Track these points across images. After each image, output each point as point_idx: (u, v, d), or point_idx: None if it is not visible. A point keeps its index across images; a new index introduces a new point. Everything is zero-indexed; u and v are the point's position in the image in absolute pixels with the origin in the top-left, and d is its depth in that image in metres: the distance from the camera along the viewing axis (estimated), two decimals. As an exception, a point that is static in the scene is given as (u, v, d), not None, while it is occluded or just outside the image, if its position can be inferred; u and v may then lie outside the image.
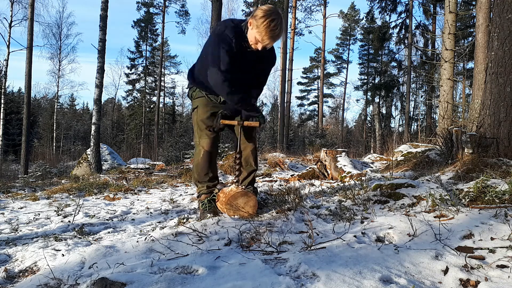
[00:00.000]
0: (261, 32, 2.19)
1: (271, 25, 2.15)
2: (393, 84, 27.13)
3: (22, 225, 2.72)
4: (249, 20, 2.25)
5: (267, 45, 2.26)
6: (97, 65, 10.03)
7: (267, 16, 2.15)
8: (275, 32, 2.19)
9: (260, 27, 2.17)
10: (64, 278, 1.65)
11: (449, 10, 10.03)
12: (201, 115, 2.64)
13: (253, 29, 2.23)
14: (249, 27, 2.26)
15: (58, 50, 29.68)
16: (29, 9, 13.98)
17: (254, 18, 2.20)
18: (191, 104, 2.78)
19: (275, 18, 2.16)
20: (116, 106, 43.28)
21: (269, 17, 2.15)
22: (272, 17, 2.15)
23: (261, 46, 2.27)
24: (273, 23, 2.15)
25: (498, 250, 1.64)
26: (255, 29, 2.21)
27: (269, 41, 2.23)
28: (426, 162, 4.32)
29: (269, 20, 2.15)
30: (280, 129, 20.29)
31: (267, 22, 2.15)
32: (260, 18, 2.16)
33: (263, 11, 2.17)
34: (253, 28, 2.22)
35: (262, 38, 2.22)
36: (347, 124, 44.84)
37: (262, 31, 2.18)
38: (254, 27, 2.21)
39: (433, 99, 20.12)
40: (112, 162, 11.39)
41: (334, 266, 1.54)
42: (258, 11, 2.19)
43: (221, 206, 2.54)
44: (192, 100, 2.75)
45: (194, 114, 2.72)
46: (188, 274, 1.60)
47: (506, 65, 3.46)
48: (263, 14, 2.16)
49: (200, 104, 2.67)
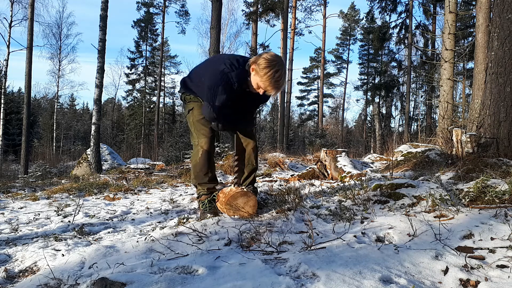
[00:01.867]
0: (264, 82, 2.21)
1: (275, 75, 2.17)
2: (393, 84, 27.13)
3: (22, 225, 2.72)
4: (252, 67, 2.27)
5: (272, 94, 2.29)
6: (97, 65, 10.03)
7: (271, 67, 2.16)
8: (279, 83, 2.21)
9: (263, 77, 2.19)
10: (64, 278, 1.65)
11: (449, 10, 10.03)
12: (197, 116, 2.65)
13: (255, 76, 2.25)
14: (252, 72, 2.28)
15: (58, 50, 29.67)
16: (29, 9, 13.96)
17: (258, 66, 2.21)
18: (186, 107, 2.78)
19: (279, 69, 2.17)
20: (116, 106, 43.28)
21: (273, 68, 2.16)
22: (276, 68, 2.17)
23: (261, 91, 2.30)
24: (277, 73, 2.17)
25: (498, 250, 1.64)
26: (259, 78, 2.23)
27: (273, 91, 2.26)
28: (426, 162, 4.31)
29: (273, 71, 2.16)
30: (280, 129, 20.29)
31: (271, 73, 2.16)
32: (264, 68, 2.17)
33: (267, 61, 2.18)
34: (256, 76, 2.24)
35: (266, 87, 2.25)
36: (347, 124, 44.88)
37: (266, 81, 2.20)
38: (258, 76, 2.23)
39: (433, 99, 20.12)
40: (112, 162, 11.38)
41: (334, 266, 1.54)
42: (261, 60, 2.20)
43: (221, 206, 2.54)
44: (186, 102, 2.75)
45: (190, 115, 2.73)
46: (188, 274, 1.60)
47: (506, 65, 3.46)
48: (267, 65, 2.17)
49: (195, 106, 2.68)
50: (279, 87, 2.24)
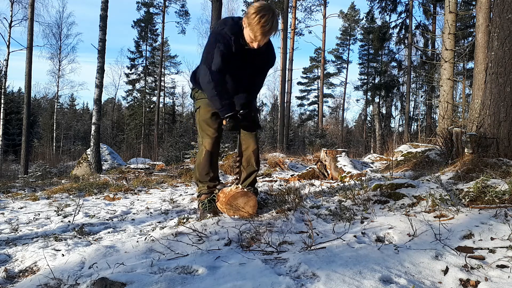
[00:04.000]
0: (253, 28, 2.19)
1: (261, 20, 2.15)
2: (393, 84, 27.13)
3: (22, 225, 2.72)
4: (243, 19, 2.26)
5: (260, 41, 2.25)
6: (97, 65, 10.03)
7: (257, 12, 2.15)
8: (266, 28, 2.18)
9: (252, 24, 2.18)
10: (64, 278, 1.65)
11: (449, 10, 10.02)
12: (203, 115, 2.66)
13: (246, 28, 2.24)
14: (244, 26, 2.27)
15: (58, 50, 29.67)
16: (29, 9, 13.96)
17: (246, 16, 2.21)
18: (194, 105, 2.79)
19: (265, 13, 2.16)
20: (116, 106, 43.26)
21: (259, 13, 2.15)
22: (263, 13, 2.15)
23: (256, 44, 2.27)
24: (263, 18, 2.15)
25: (498, 250, 1.64)
26: (248, 27, 2.21)
27: (261, 37, 2.22)
28: (426, 162, 4.31)
29: (259, 16, 2.15)
30: (280, 129, 20.29)
31: (257, 18, 2.15)
32: (251, 15, 2.17)
33: (254, 8, 2.17)
34: (247, 27, 2.23)
35: (254, 35, 2.22)
36: (347, 124, 44.85)
37: (254, 27, 2.18)
38: (247, 25, 2.22)
39: (433, 99, 20.12)
40: (112, 162, 11.38)
41: (334, 266, 1.54)
42: (250, 9, 2.20)
43: (221, 206, 2.54)
44: (195, 100, 2.76)
45: (196, 114, 2.75)
46: (188, 274, 1.60)
47: (506, 65, 3.46)
48: (254, 11, 2.16)
49: (202, 104, 2.67)
50: (265, 32, 2.20)
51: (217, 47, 2.32)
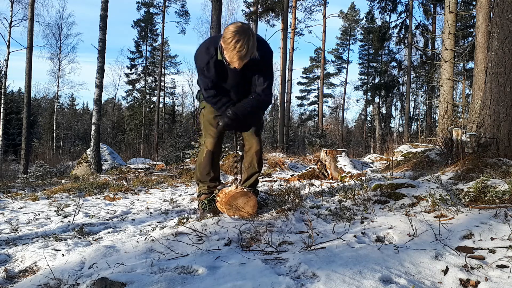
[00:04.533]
0: (229, 54, 2.21)
1: (236, 46, 2.15)
2: (393, 84, 27.12)
3: (22, 225, 2.72)
4: (221, 41, 2.26)
5: (238, 65, 2.27)
6: (97, 65, 10.03)
7: (232, 38, 2.15)
8: (242, 53, 2.18)
9: (228, 49, 2.19)
10: (64, 278, 1.65)
11: (449, 10, 10.02)
12: (207, 115, 2.68)
13: (224, 50, 2.24)
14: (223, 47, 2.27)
15: (58, 50, 29.67)
16: (29, 9, 13.96)
17: (223, 40, 2.21)
18: (199, 105, 2.84)
19: (240, 38, 2.15)
20: (116, 106, 43.26)
21: (234, 37, 2.15)
22: (237, 38, 2.14)
23: (235, 65, 2.28)
24: (238, 43, 2.15)
25: (498, 250, 1.64)
26: (225, 51, 2.23)
27: (238, 61, 2.23)
28: (426, 162, 4.31)
29: (234, 41, 2.15)
30: (280, 129, 20.29)
31: (233, 44, 2.15)
32: (227, 39, 2.17)
33: (230, 33, 2.17)
34: (224, 49, 2.24)
35: (231, 60, 2.24)
36: (347, 124, 44.83)
37: (230, 53, 2.20)
38: (224, 49, 2.23)
39: (433, 99, 20.11)
40: (112, 162, 11.38)
41: (334, 266, 1.54)
42: (225, 32, 2.19)
43: (221, 206, 2.54)
44: (200, 101, 2.80)
45: (201, 114, 2.78)
46: (188, 274, 1.60)
47: (506, 65, 3.46)
48: (229, 36, 2.16)
49: (207, 105, 2.70)
50: (242, 57, 2.21)
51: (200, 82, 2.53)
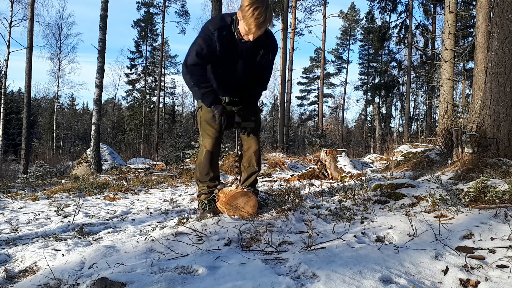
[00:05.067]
0: (247, 21, 2.19)
1: (255, 13, 2.14)
2: (393, 84, 27.13)
3: (22, 225, 2.72)
4: (237, 12, 2.26)
5: (255, 33, 2.24)
6: (97, 65, 10.03)
7: (251, 5, 2.14)
8: (260, 20, 2.17)
9: (246, 17, 2.17)
10: (64, 278, 1.65)
11: (449, 10, 10.02)
12: (204, 115, 2.66)
13: (241, 20, 2.23)
14: (239, 18, 2.26)
15: (58, 50, 29.69)
16: (29, 9, 13.96)
17: (241, 9, 2.21)
18: (197, 104, 2.81)
19: (258, 5, 2.15)
20: (116, 106, 43.26)
21: (253, 5, 2.14)
22: (256, 5, 2.14)
23: (251, 36, 2.26)
24: (257, 11, 2.14)
25: (498, 250, 1.64)
26: (242, 20, 2.21)
27: (255, 29, 2.21)
28: (426, 162, 4.31)
29: (253, 8, 2.14)
30: (280, 129, 20.29)
31: (251, 11, 2.14)
32: (245, 7, 2.16)
33: (248, 1, 2.16)
34: (241, 19, 2.22)
35: (249, 27, 2.21)
36: (347, 124, 44.84)
37: (248, 20, 2.18)
38: (241, 18, 2.21)
39: (433, 99, 20.11)
40: (112, 162, 11.38)
41: (334, 266, 1.54)
42: (243, 1, 2.19)
43: (221, 206, 2.54)
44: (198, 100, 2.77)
45: (198, 114, 2.76)
46: (188, 274, 1.60)
47: (506, 65, 3.46)
48: (247, 3, 2.16)
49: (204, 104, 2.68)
50: (259, 24, 2.19)
51: (195, 44, 2.38)
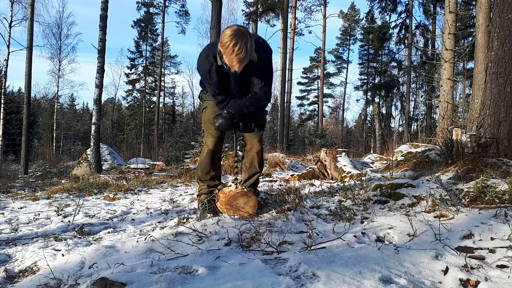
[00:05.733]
0: (228, 57, 2.21)
1: (235, 49, 2.15)
2: (393, 84, 27.11)
3: (22, 225, 2.72)
4: (218, 46, 2.26)
5: (238, 68, 2.26)
6: (97, 65, 10.02)
7: (230, 41, 2.15)
8: (241, 56, 2.18)
9: (226, 53, 2.19)
10: (64, 278, 1.65)
11: (449, 10, 10.02)
12: (208, 115, 2.70)
13: (223, 55, 2.25)
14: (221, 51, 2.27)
15: (58, 50, 29.65)
16: (29, 9, 13.95)
17: (221, 45, 2.21)
18: (202, 104, 2.86)
19: (237, 41, 2.15)
20: (116, 106, 43.25)
21: (232, 41, 2.15)
22: (235, 41, 2.15)
23: (236, 68, 2.27)
24: (236, 46, 2.15)
25: (498, 250, 1.64)
26: (224, 55, 2.23)
27: (237, 64, 2.23)
28: (426, 162, 4.31)
29: (232, 44, 2.15)
30: (280, 129, 20.29)
31: (231, 47, 2.15)
32: (225, 44, 2.17)
33: (227, 37, 2.17)
34: (223, 54, 2.24)
35: (231, 63, 2.24)
36: (347, 124, 44.82)
37: (229, 56, 2.20)
38: (223, 53, 2.23)
39: (433, 99, 20.11)
40: (112, 162, 11.38)
41: (334, 266, 1.54)
42: (223, 37, 2.20)
43: (221, 206, 2.54)
44: (202, 101, 2.83)
45: (203, 113, 2.81)
46: (188, 274, 1.60)
47: (506, 65, 3.46)
48: (226, 40, 2.16)
49: (208, 105, 2.73)
50: (241, 60, 2.21)
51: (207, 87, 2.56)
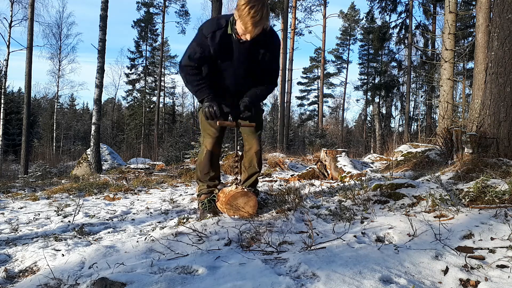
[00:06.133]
0: (243, 20, 2.18)
1: (251, 12, 2.13)
2: (393, 84, 27.12)
3: (22, 225, 2.72)
4: (234, 12, 2.25)
5: (252, 32, 2.22)
6: (97, 65, 10.02)
7: (247, 4, 2.13)
8: (256, 18, 2.15)
9: (242, 16, 2.17)
10: (64, 278, 1.65)
11: (449, 10, 10.02)
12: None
13: (238, 20, 2.22)
14: (236, 18, 2.25)
15: (58, 50, 29.68)
16: (29, 9, 13.96)
17: (237, 9, 2.20)
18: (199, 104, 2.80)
19: (254, 4, 2.13)
20: (116, 106, 43.26)
21: (248, 4, 2.13)
22: (252, 4, 2.13)
23: (248, 35, 2.25)
24: (252, 9, 2.13)
25: (498, 250, 1.64)
26: (239, 19, 2.20)
27: (252, 28, 2.19)
28: (426, 162, 4.32)
29: (248, 7, 2.13)
30: (280, 129, 20.29)
31: (247, 10, 2.13)
32: (241, 6, 2.15)
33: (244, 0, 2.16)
34: (238, 19, 2.21)
35: (245, 26, 2.20)
36: (347, 124, 44.83)
37: (244, 19, 2.17)
38: (238, 17, 2.20)
39: (433, 99, 20.11)
40: (112, 162, 11.38)
41: (334, 266, 1.54)
42: (239, 1, 2.19)
43: (221, 206, 2.54)
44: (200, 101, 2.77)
45: (200, 113, 2.74)
46: (188, 274, 1.60)
47: (506, 65, 3.46)
48: (243, 3, 2.15)
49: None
50: (256, 23, 2.18)
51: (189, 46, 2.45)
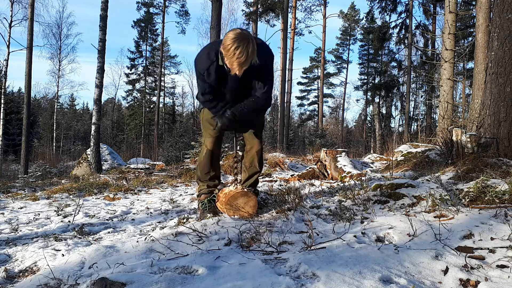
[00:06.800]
0: (229, 60, 2.22)
1: (236, 52, 2.16)
2: (393, 84, 27.11)
3: (22, 225, 2.72)
4: (221, 48, 2.27)
5: (239, 71, 2.27)
6: (97, 65, 10.02)
7: (232, 44, 2.16)
8: (241, 60, 2.19)
9: (228, 56, 2.20)
10: (64, 278, 1.65)
11: (449, 10, 10.02)
12: (206, 115, 2.70)
13: (224, 57, 2.25)
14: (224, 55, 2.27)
15: (58, 50, 29.64)
16: (29, 9, 13.95)
17: (223, 47, 2.22)
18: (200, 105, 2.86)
19: (239, 45, 2.15)
20: (116, 106, 43.25)
21: (234, 44, 2.15)
22: (237, 44, 2.15)
23: (237, 72, 2.28)
24: (237, 50, 2.15)
25: (498, 250, 1.64)
26: (225, 58, 2.24)
27: (238, 68, 2.24)
28: (426, 162, 4.31)
29: (234, 48, 2.15)
30: (280, 129, 20.28)
31: (232, 51, 2.16)
32: (226, 46, 2.18)
33: (229, 40, 2.17)
34: (224, 56, 2.24)
35: (231, 66, 2.25)
36: (347, 124, 44.80)
37: (230, 60, 2.21)
38: (225, 56, 2.23)
39: (433, 99, 20.10)
40: (112, 162, 11.37)
41: (334, 266, 1.54)
42: (225, 39, 2.21)
43: (221, 206, 2.54)
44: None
45: (201, 113, 2.81)
46: (188, 274, 1.60)
47: (506, 65, 3.46)
48: (229, 43, 2.17)
49: None
50: (242, 64, 2.21)
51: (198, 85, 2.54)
